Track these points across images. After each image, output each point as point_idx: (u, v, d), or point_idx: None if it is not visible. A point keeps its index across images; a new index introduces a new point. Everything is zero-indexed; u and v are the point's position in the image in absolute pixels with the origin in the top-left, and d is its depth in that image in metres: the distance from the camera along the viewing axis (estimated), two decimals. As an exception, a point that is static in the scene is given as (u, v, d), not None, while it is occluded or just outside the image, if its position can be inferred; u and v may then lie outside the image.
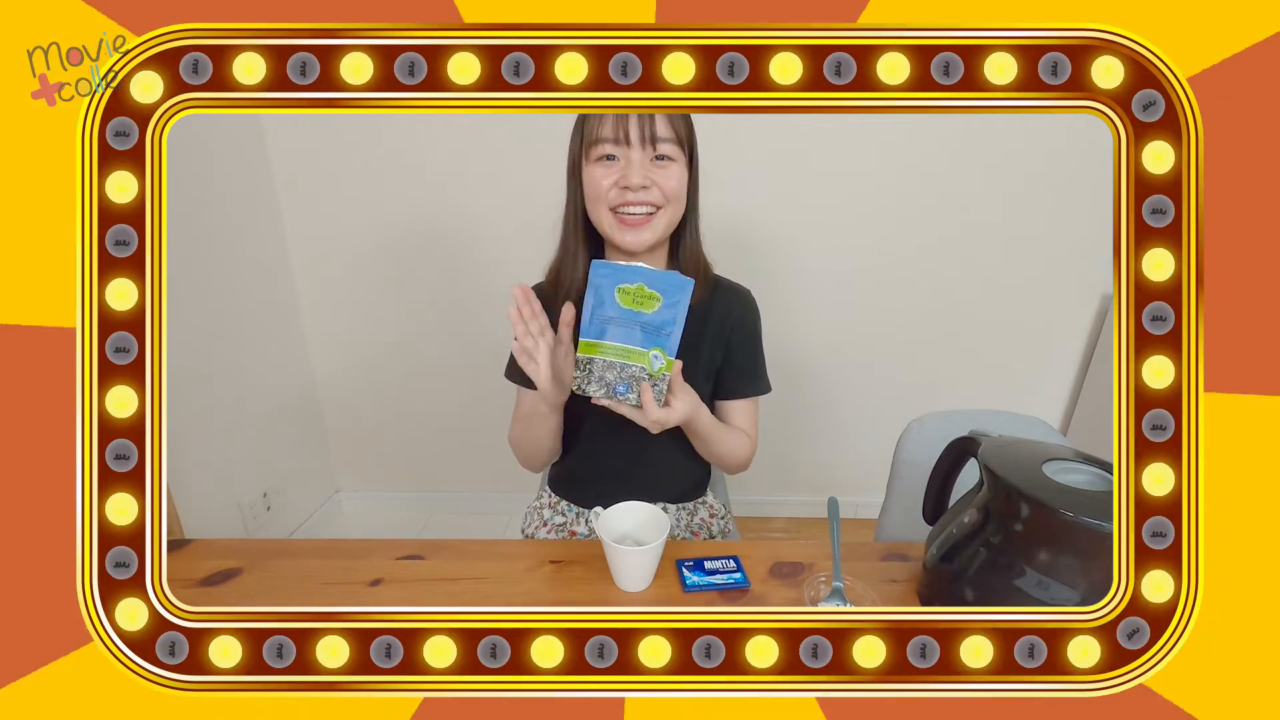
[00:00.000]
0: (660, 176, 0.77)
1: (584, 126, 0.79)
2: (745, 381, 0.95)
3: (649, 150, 0.77)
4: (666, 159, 0.78)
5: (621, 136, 0.76)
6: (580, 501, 1.02)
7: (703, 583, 0.74)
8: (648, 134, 0.76)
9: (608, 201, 0.79)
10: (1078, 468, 0.63)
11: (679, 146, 0.78)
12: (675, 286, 0.70)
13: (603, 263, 0.71)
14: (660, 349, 0.71)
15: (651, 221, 0.79)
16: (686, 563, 0.76)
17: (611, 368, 0.72)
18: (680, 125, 0.78)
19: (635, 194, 0.77)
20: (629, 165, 0.76)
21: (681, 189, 0.80)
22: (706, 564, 0.76)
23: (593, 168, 0.78)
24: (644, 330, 0.71)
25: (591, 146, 0.78)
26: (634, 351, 0.71)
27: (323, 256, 1.76)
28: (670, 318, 0.70)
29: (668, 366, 0.72)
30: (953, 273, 1.71)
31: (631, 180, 0.76)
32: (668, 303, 0.70)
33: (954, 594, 0.65)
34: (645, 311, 0.70)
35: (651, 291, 0.70)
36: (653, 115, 0.76)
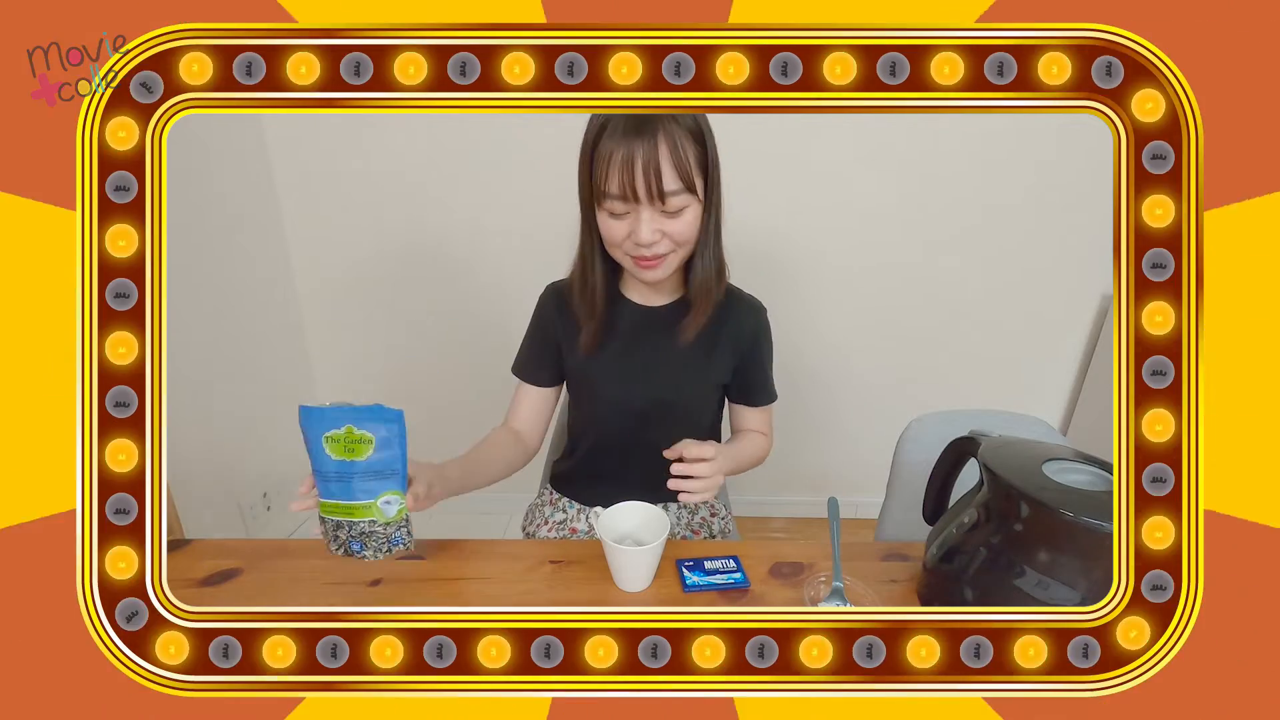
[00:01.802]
0: (670, 226, 0.76)
1: (592, 173, 0.76)
2: (759, 392, 0.97)
3: (657, 205, 0.74)
4: (678, 207, 0.76)
5: (629, 194, 0.73)
6: (581, 499, 1.02)
7: (703, 583, 0.73)
8: (655, 190, 0.73)
9: (622, 249, 0.79)
10: (1078, 468, 0.63)
11: (689, 192, 0.75)
12: (386, 420, 0.64)
13: (307, 409, 0.63)
14: (392, 492, 0.66)
15: (665, 261, 0.80)
16: (686, 562, 0.76)
17: (342, 526, 0.67)
18: (689, 165, 0.74)
19: (647, 248, 0.77)
20: (638, 221, 0.75)
21: (693, 230, 0.79)
22: (706, 564, 0.76)
23: (604, 216, 0.78)
24: (362, 480, 0.65)
25: (601, 199, 0.76)
26: (357, 507, 0.65)
27: (323, 257, 1.76)
28: (390, 457, 0.65)
29: (404, 509, 0.67)
30: (953, 273, 1.71)
31: (641, 238, 0.75)
32: (381, 442, 0.64)
33: (954, 594, 0.65)
34: (359, 459, 0.64)
35: (360, 433, 0.63)
36: (659, 169, 0.72)
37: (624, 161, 0.71)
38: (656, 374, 0.90)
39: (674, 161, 0.72)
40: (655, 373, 0.90)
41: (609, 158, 0.72)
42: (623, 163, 0.72)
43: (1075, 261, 1.68)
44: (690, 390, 0.93)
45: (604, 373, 0.91)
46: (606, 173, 0.73)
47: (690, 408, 0.95)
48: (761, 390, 0.97)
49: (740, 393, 0.97)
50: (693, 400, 0.94)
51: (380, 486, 0.65)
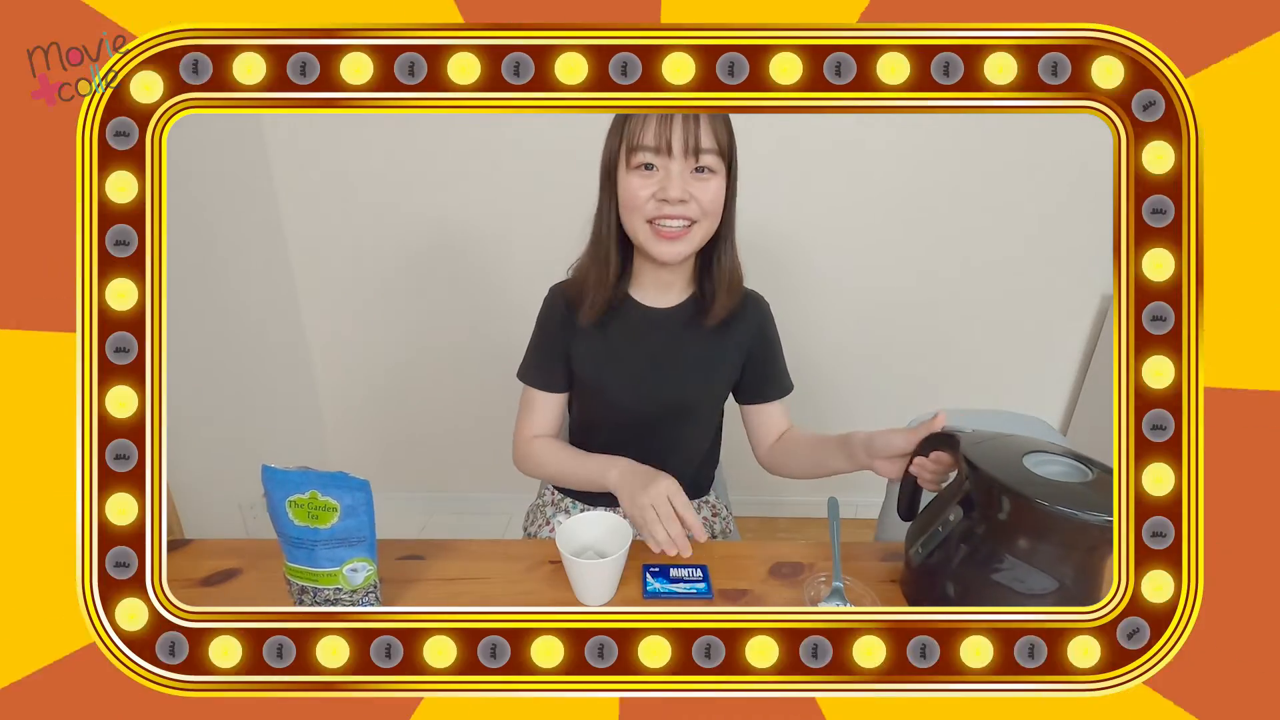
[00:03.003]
0: (699, 189, 0.75)
1: (624, 130, 0.76)
2: (774, 385, 0.95)
3: (690, 161, 0.74)
4: (707, 170, 0.76)
5: (664, 145, 0.73)
6: (584, 500, 1.02)
7: (664, 590, 0.72)
8: (691, 144, 0.73)
9: (644, 213, 0.77)
10: (1058, 460, 0.64)
11: (720, 157, 0.76)
12: (352, 488, 0.62)
13: (270, 470, 0.61)
14: (359, 559, 0.64)
15: (688, 234, 0.78)
16: (652, 568, 0.75)
17: (307, 591, 0.65)
18: (723, 133, 0.76)
19: (673, 207, 0.75)
20: (668, 176, 0.74)
21: (719, 202, 0.78)
22: (672, 571, 0.74)
23: (630, 176, 0.76)
24: (326, 548, 0.63)
25: (632, 153, 0.75)
26: (321, 575, 0.63)
27: (323, 256, 1.76)
28: (356, 525, 0.63)
29: (371, 575, 0.65)
30: (952, 273, 1.71)
31: (670, 193, 0.74)
32: (346, 510, 0.62)
33: (936, 589, 0.66)
34: (322, 527, 0.62)
35: (325, 500, 0.61)
36: (698, 120, 0.73)
37: (662, 117, 0.73)
38: (665, 376, 0.90)
39: (710, 123, 0.74)
40: (664, 375, 0.90)
41: (645, 117, 0.74)
42: (660, 118, 0.73)
43: (1075, 261, 1.68)
44: (699, 392, 0.92)
45: (611, 375, 0.90)
46: (642, 127, 0.74)
47: (698, 409, 0.94)
48: (780, 380, 0.96)
49: (762, 388, 0.95)
50: (701, 402, 0.94)
51: (346, 554, 0.63)
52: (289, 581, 0.66)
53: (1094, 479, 0.60)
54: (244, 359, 1.64)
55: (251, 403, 1.67)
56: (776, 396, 0.96)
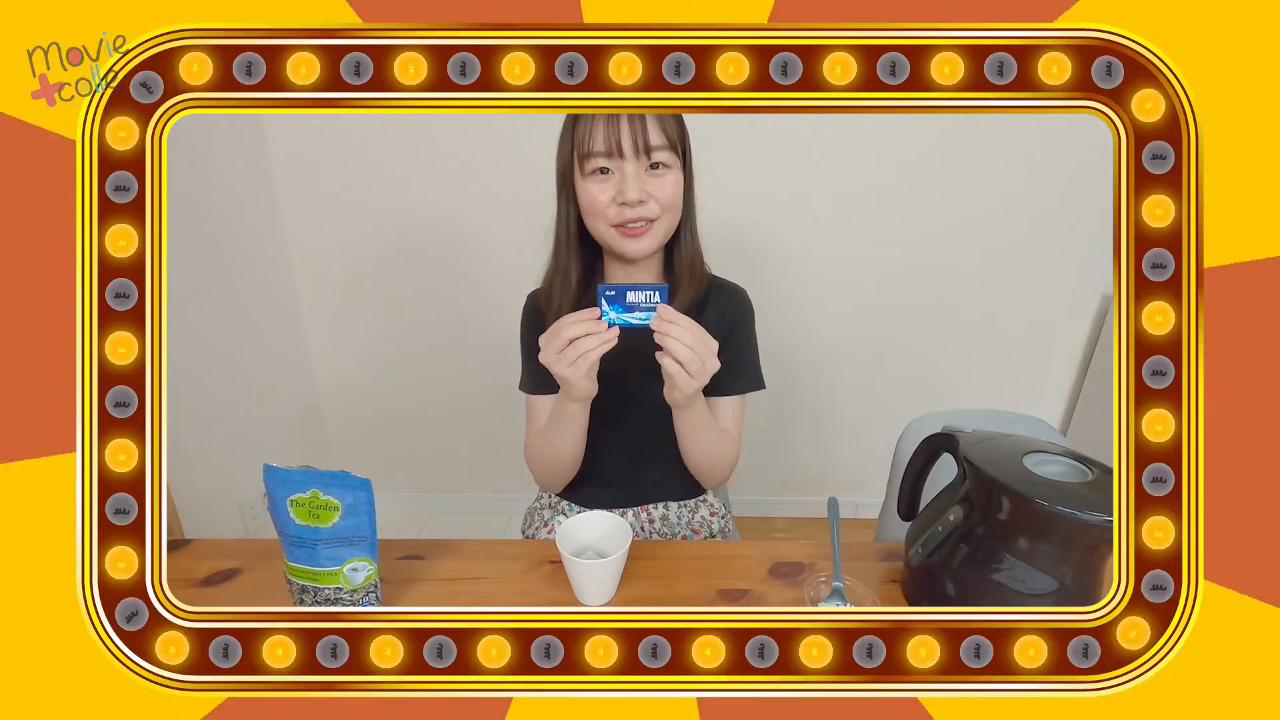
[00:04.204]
0: (655, 187, 0.76)
1: (574, 136, 0.77)
2: (731, 376, 0.88)
3: (643, 160, 0.75)
4: (662, 166, 0.77)
5: (614, 148, 0.74)
6: (582, 502, 1.02)
7: (618, 319, 0.69)
8: (641, 143, 0.74)
9: (607, 218, 0.78)
10: (1058, 460, 0.64)
11: (673, 151, 0.77)
12: (353, 487, 0.62)
13: (273, 469, 0.62)
14: (360, 558, 0.64)
15: (651, 229, 0.79)
16: (609, 290, 0.69)
17: (307, 590, 0.65)
18: (673, 128, 0.77)
19: (633, 209, 0.76)
20: (624, 179, 0.75)
21: (678, 196, 0.79)
22: (629, 295, 0.69)
23: (588, 183, 0.77)
24: (327, 547, 0.63)
25: (585, 159, 0.76)
26: (322, 574, 0.64)
27: (323, 257, 1.76)
28: (357, 524, 0.63)
29: (372, 575, 0.66)
30: (953, 272, 1.71)
31: (629, 195, 0.75)
32: (348, 509, 0.62)
33: (936, 589, 0.66)
34: (323, 527, 0.62)
35: (326, 499, 0.62)
36: (644, 120, 0.74)
37: (609, 120, 0.73)
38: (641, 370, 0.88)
39: (657, 120, 0.75)
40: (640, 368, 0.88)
41: (592, 121, 0.74)
42: (608, 120, 0.73)
43: (1075, 261, 1.68)
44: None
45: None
46: (590, 133, 0.74)
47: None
48: (740, 373, 0.91)
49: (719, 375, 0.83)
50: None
51: (347, 553, 0.64)
52: (289, 581, 0.66)
53: (1094, 479, 0.60)
54: (244, 358, 1.64)
55: (252, 403, 1.67)
56: (727, 392, 0.90)
